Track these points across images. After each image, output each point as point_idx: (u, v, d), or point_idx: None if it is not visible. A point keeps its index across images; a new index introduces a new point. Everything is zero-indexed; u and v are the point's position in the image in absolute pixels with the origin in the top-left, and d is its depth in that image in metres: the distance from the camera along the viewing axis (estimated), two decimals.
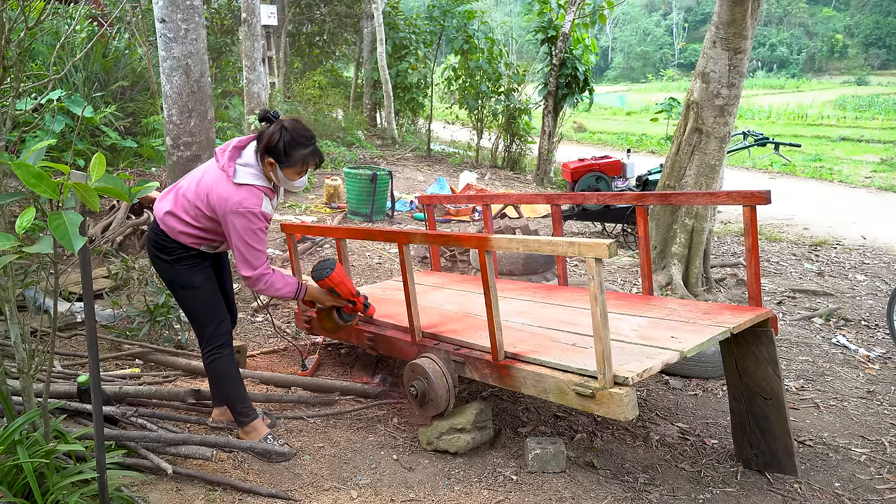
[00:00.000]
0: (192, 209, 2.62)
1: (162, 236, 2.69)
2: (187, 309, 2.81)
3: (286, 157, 2.57)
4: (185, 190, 2.68)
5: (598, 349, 2.23)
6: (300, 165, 2.61)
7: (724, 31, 5.05)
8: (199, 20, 5.13)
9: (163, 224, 2.68)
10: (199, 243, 2.71)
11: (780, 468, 2.87)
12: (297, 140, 2.56)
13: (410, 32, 13.55)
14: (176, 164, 5.26)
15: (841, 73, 53.45)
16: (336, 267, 2.90)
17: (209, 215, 2.61)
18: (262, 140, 2.58)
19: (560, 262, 3.81)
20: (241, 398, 2.85)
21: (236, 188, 2.56)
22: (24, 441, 2.08)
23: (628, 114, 29.48)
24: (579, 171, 7.58)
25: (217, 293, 2.83)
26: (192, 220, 2.63)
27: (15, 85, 2.07)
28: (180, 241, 2.67)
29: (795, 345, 4.50)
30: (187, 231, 2.65)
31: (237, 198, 2.54)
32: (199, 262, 2.74)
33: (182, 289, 2.75)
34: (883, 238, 7.86)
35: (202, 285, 2.75)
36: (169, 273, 2.73)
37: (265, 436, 2.84)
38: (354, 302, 3.02)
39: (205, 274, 2.77)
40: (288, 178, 2.63)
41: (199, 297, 2.76)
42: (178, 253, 2.69)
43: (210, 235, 2.68)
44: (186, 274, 2.72)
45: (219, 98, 10.64)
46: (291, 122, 2.60)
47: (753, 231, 2.85)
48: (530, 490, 2.67)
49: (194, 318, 2.81)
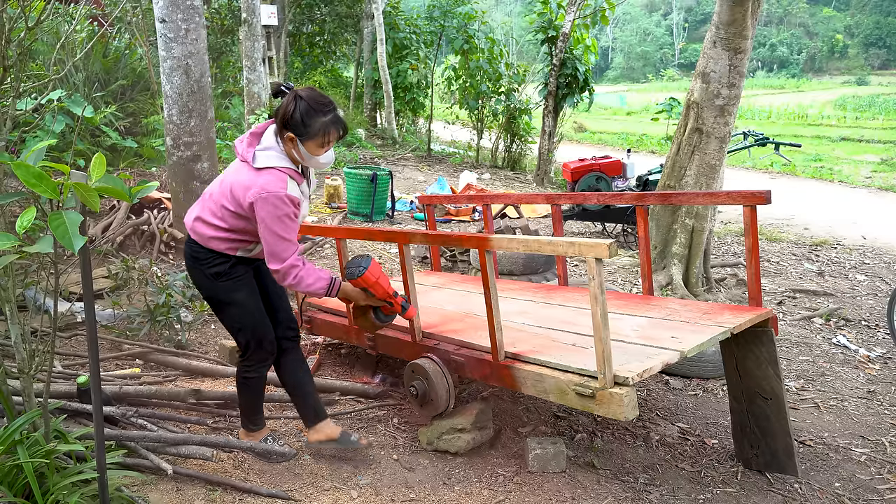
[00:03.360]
0: (219, 209, 2.48)
1: (195, 247, 2.55)
2: (230, 326, 2.68)
3: (305, 128, 2.38)
4: (210, 193, 2.56)
5: (599, 349, 2.23)
6: (322, 136, 2.41)
7: (725, 31, 5.05)
8: (199, 20, 5.13)
9: (193, 232, 2.55)
10: (234, 248, 2.54)
11: (781, 468, 2.87)
12: (314, 108, 2.38)
13: (411, 32, 13.55)
14: (176, 164, 5.27)
15: (841, 73, 53.43)
16: (370, 265, 2.62)
17: (236, 212, 2.45)
18: (278, 114, 2.42)
19: (560, 262, 3.80)
20: (256, 410, 2.81)
21: (257, 173, 2.40)
22: (24, 441, 2.08)
23: (628, 114, 29.49)
24: (579, 171, 7.58)
25: (260, 310, 2.66)
26: (220, 222, 2.48)
27: (15, 85, 2.07)
28: (212, 247, 2.52)
29: (796, 345, 4.50)
30: (218, 235, 2.50)
31: (260, 182, 2.38)
32: (240, 277, 2.59)
33: (222, 305, 2.62)
34: (883, 238, 7.86)
35: (243, 302, 2.60)
36: (208, 289, 2.60)
37: (266, 436, 2.83)
38: (391, 303, 2.74)
39: (246, 290, 2.61)
40: (311, 152, 2.44)
41: (239, 314, 2.61)
42: (215, 264, 2.54)
43: (242, 236, 2.52)
44: (226, 290, 2.57)
45: (219, 98, 10.63)
46: (306, 90, 2.42)
47: (754, 231, 2.85)
48: (530, 490, 2.67)
49: (238, 336, 2.69)
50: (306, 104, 2.38)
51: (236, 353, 2.78)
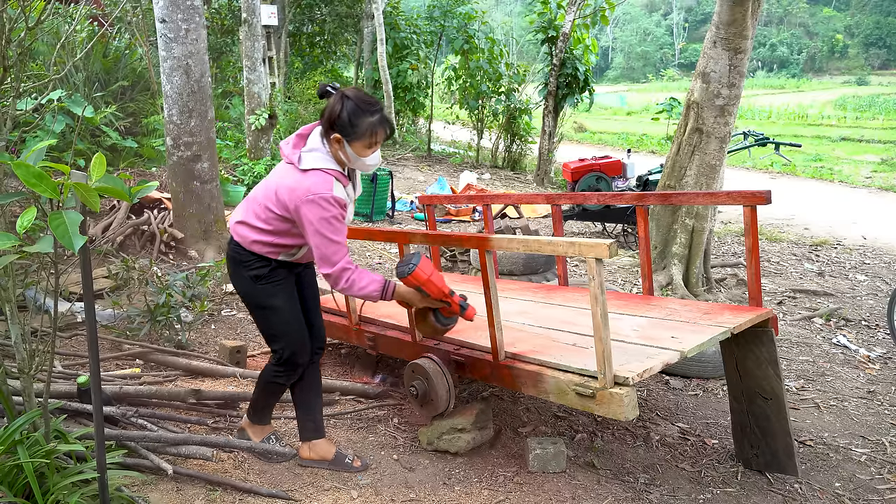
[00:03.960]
0: (263, 211, 2.43)
1: (237, 249, 2.51)
2: (264, 331, 2.63)
3: (352, 128, 2.34)
4: (254, 195, 2.52)
5: (599, 349, 2.23)
6: (369, 136, 2.37)
7: (725, 31, 5.05)
8: (199, 20, 5.14)
9: (236, 234, 2.51)
10: (276, 252, 2.49)
11: (781, 468, 2.87)
12: (361, 108, 2.34)
13: (411, 32, 13.55)
14: (176, 164, 5.27)
15: (841, 73, 53.42)
16: (421, 261, 2.46)
17: (281, 214, 2.40)
18: (325, 115, 2.38)
19: (560, 262, 3.81)
20: (268, 409, 2.81)
21: (303, 175, 2.35)
22: (24, 441, 2.08)
23: (628, 114, 29.48)
24: (580, 171, 7.58)
25: (298, 319, 2.60)
26: (263, 225, 2.44)
27: (15, 85, 2.07)
28: (254, 250, 2.47)
29: (796, 345, 4.50)
30: (261, 239, 2.45)
31: (306, 184, 2.33)
32: (280, 281, 2.54)
33: (260, 309, 2.56)
34: (883, 238, 7.86)
35: (282, 307, 2.54)
36: (248, 292, 2.55)
37: (267, 436, 2.82)
38: (448, 302, 2.56)
39: (286, 295, 2.56)
40: (358, 153, 2.40)
41: (277, 321, 2.56)
42: (256, 266, 2.49)
43: (285, 240, 2.46)
44: (266, 294, 2.52)
45: (219, 98, 10.63)
46: (353, 90, 2.39)
47: (754, 231, 2.85)
48: (530, 490, 2.67)
49: (269, 341, 2.63)
50: (353, 104, 2.34)
51: (270, 361, 2.67)
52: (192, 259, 5.30)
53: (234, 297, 4.77)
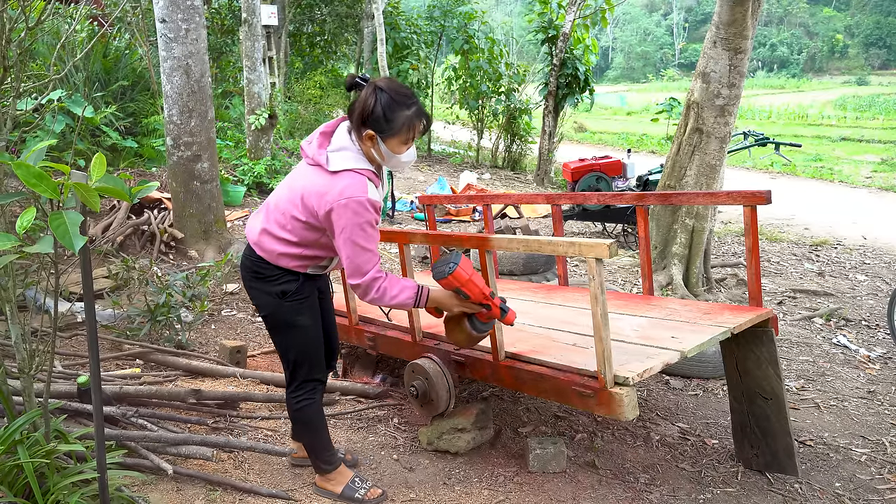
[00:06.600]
0: (289, 221, 2.21)
1: (260, 263, 2.28)
2: (284, 349, 2.42)
3: (388, 123, 2.12)
4: (275, 202, 2.29)
5: (599, 349, 2.23)
6: (406, 132, 2.15)
7: (725, 31, 5.05)
8: (199, 20, 5.14)
9: (259, 247, 2.28)
10: (305, 265, 2.29)
11: (781, 468, 2.87)
12: (397, 100, 2.11)
13: (411, 32, 13.55)
14: (176, 164, 5.27)
15: (841, 73, 53.44)
16: (461, 261, 2.26)
17: (308, 222, 2.19)
18: (356, 110, 2.15)
19: (560, 262, 3.81)
20: (325, 445, 2.52)
21: (333, 177, 2.13)
22: (24, 441, 2.08)
23: (629, 114, 29.48)
24: (580, 171, 7.58)
25: (319, 337, 2.43)
26: (290, 236, 2.22)
27: (15, 85, 2.06)
28: (281, 264, 2.26)
29: (796, 345, 4.50)
30: (289, 252, 2.24)
31: (338, 187, 2.11)
32: (306, 299, 2.34)
33: (286, 328, 2.36)
34: (883, 238, 7.86)
35: (306, 326, 2.36)
36: (274, 310, 2.33)
37: (351, 480, 2.54)
38: (489, 305, 2.34)
39: (311, 312, 2.37)
40: (393, 150, 2.18)
41: (302, 339, 2.37)
42: (283, 281, 2.28)
43: (316, 251, 2.27)
44: (292, 312, 2.32)
45: (219, 98, 10.62)
46: (385, 80, 2.16)
47: (754, 231, 2.85)
48: (531, 490, 2.67)
49: (289, 360, 2.42)
50: (388, 97, 2.11)
51: (287, 391, 2.49)
52: (193, 259, 5.30)
53: (233, 297, 4.77)
